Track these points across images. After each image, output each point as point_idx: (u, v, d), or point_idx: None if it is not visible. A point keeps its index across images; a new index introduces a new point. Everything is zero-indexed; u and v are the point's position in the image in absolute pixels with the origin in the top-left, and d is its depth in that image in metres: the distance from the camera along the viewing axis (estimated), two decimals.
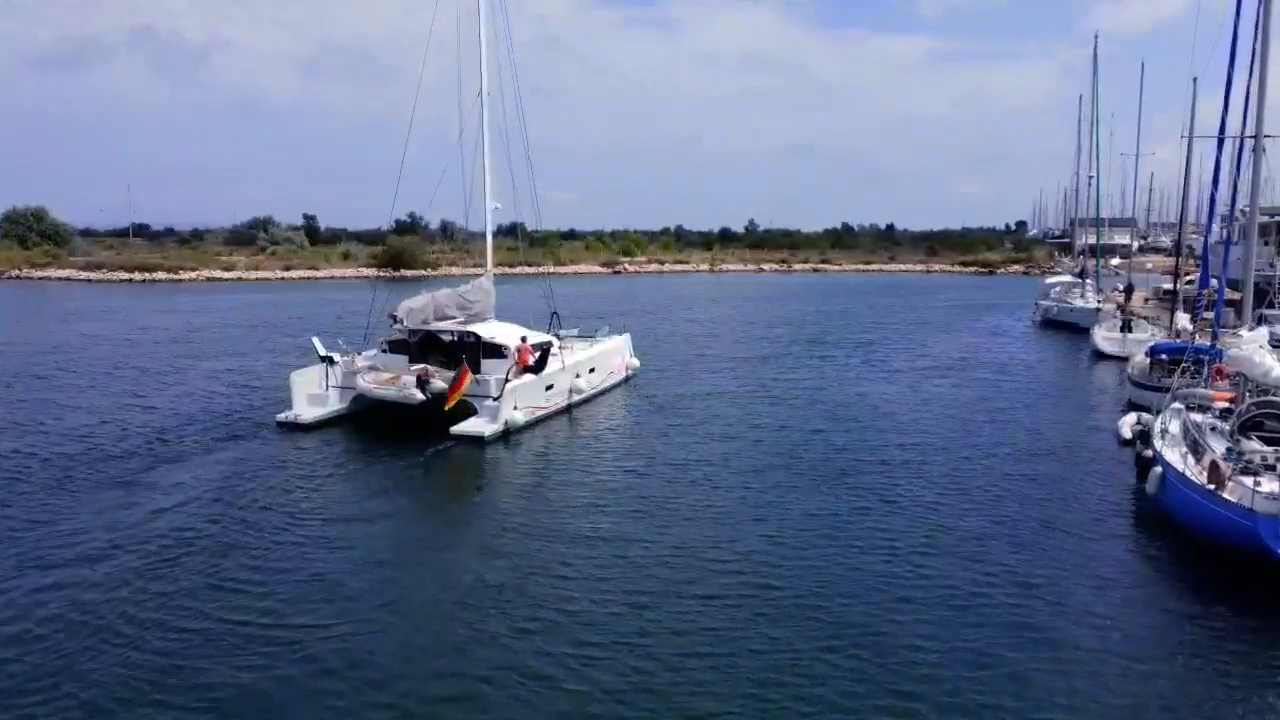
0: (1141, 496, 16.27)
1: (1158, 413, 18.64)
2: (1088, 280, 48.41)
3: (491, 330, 24.71)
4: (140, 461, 19.14)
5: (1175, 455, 15.37)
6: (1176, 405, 18.07)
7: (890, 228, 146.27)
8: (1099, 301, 43.38)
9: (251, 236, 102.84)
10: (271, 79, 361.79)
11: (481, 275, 26.55)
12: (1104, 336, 35.19)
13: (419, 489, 18.45)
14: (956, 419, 23.18)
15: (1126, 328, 35.05)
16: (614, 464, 19.60)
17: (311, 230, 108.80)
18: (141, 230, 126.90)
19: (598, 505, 16.52)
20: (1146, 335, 33.86)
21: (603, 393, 27.19)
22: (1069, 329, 43.04)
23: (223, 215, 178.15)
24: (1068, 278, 51.49)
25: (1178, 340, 25.60)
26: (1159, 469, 15.38)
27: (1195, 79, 33.73)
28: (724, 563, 13.56)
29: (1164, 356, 24.07)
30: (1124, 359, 32.00)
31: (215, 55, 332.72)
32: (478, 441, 20.92)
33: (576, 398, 25.22)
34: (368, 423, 22.84)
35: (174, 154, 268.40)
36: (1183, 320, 28.07)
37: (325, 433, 22.10)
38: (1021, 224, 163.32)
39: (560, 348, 25.70)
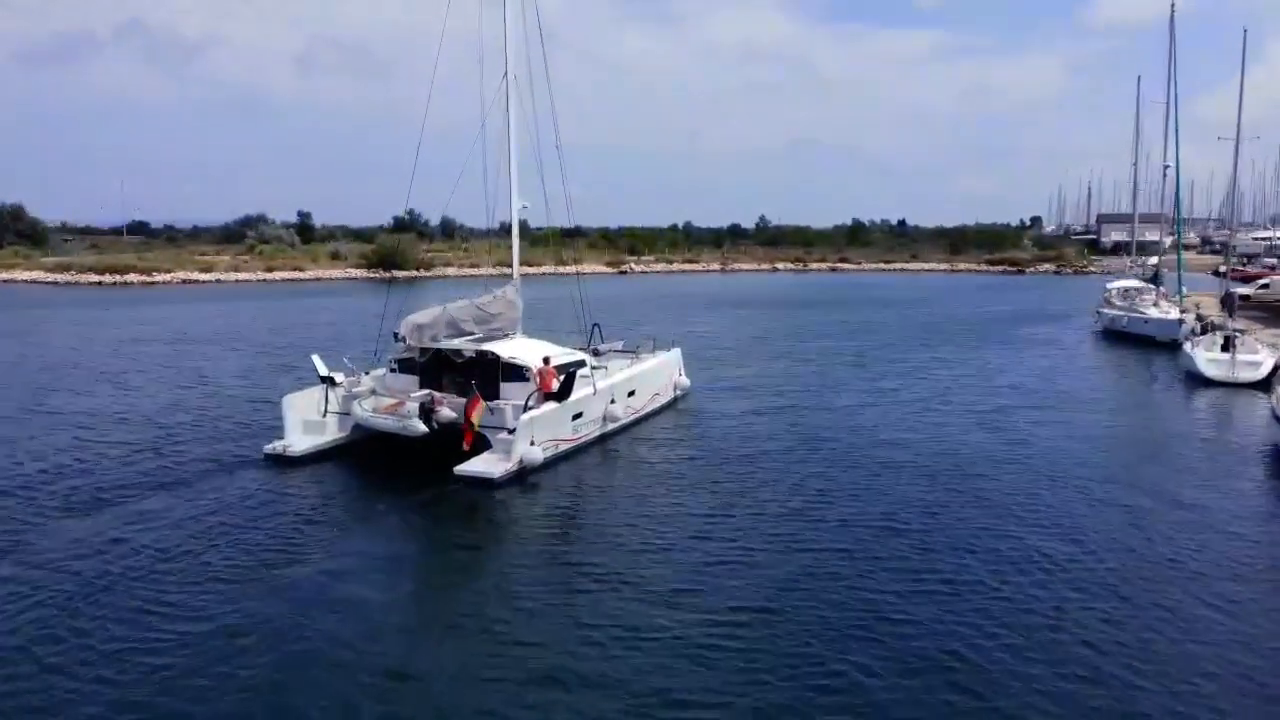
0: None
1: None
2: (1161, 286, 43.05)
3: (513, 349, 20.79)
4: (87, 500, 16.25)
5: None
6: None
7: (902, 223, 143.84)
8: (1181, 312, 38.05)
9: (243, 234, 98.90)
10: (268, 74, 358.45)
11: (507, 282, 22.52)
12: (1208, 358, 29.45)
13: (408, 548, 15.08)
14: (1072, 490, 17.36)
15: (1228, 346, 29.58)
16: (643, 519, 15.71)
17: (305, 228, 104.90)
18: (139, 228, 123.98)
19: (618, 577, 13.01)
20: (1258, 356, 29.20)
21: (645, 419, 23.30)
22: (1139, 342, 38.00)
23: (222, 212, 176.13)
24: (1134, 281, 45.46)
25: None
26: None
27: None
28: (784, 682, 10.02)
29: None
30: (1234, 385, 27.88)
31: (212, 50, 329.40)
32: (487, 484, 17.25)
33: (612, 426, 21.31)
34: (369, 455, 19.28)
35: (173, 150, 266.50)
36: None
37: (317, 467, 18.70)
38: (1036, 219, 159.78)
39: (594, 367, 21.78)
